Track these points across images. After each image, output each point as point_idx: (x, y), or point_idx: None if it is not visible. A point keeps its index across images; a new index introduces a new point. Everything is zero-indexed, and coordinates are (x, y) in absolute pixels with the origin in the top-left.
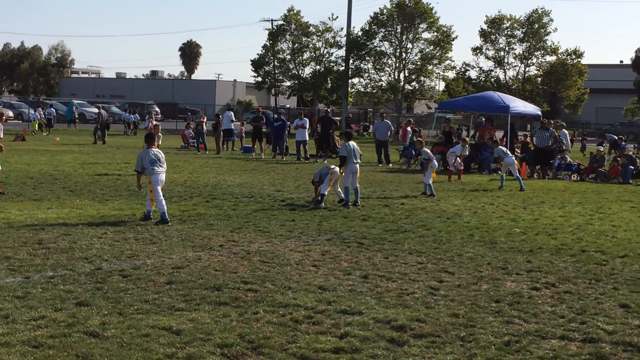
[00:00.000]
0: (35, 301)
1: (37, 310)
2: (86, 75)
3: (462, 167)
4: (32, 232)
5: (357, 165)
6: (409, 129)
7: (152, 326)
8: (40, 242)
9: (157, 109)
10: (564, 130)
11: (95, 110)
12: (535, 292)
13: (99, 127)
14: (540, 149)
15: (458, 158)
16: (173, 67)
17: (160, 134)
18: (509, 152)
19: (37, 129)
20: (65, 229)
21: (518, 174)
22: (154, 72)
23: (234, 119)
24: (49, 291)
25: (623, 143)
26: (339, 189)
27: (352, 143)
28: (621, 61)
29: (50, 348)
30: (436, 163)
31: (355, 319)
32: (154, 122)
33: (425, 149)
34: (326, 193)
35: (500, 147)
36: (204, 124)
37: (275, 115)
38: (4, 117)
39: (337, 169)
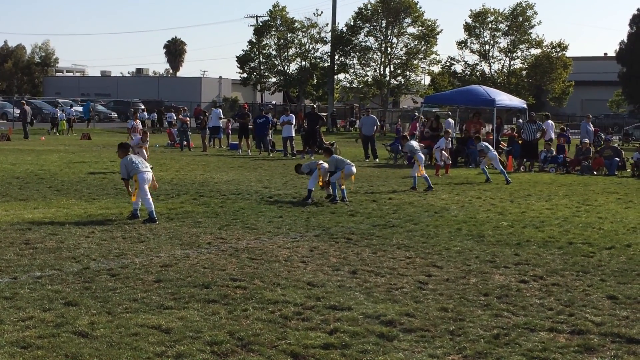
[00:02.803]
0: (23, 302)
1: (25, 310)
2: (71, 74)
3: (450, 162)
4: (19, 233)
5: (354, 168)
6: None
7: (141, 325)
8: (28, 242)
9: (142, 106)
10: (548, 121)
11: (80, 108)
12: (524, 285)
13: (27, 122)
14: (527, 142)
15: (444, 152)
16: (158, 64)
17: (148, 139)
18: (491, 147)
19: (65, 128)
20: (52, 229)
21: (502, 167)
22: (139, 70)
23: (221, 116)
24: (37, 291)
25: (609, 135)
26: (343, 187)
27: (334, 156)
28: (605, 53)
29: (39, 348)
30: (422, 156)
31: (345, 314)
32: (140, 127)
33: (410, 143)
34: (313, 189)
35: (482, 142)
36: (187, 122)
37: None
38: None
39: (325, 164)
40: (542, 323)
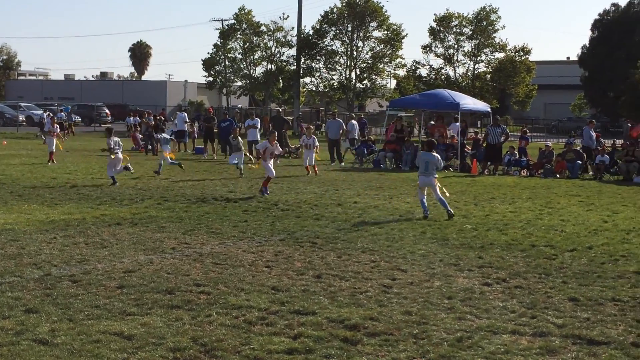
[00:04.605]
0: None
1: None
2: (33, 78)
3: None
4: None
5: (431, 178)
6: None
7: (103, 332)
8: None
9: (106, 110)
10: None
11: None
12: (487, 288)
13: None
14: (491, 146)
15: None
16: (123, 68)
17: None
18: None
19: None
20: (13, 235)
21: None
22: (103, 74)
23: (187, 120)
24: None
25: (572, 138)
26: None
27: (432, 154)
28: (568, 57)
29: None
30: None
31: (309, 319)
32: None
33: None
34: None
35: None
36: (152, 126)
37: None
38: None
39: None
40: (505, 326)
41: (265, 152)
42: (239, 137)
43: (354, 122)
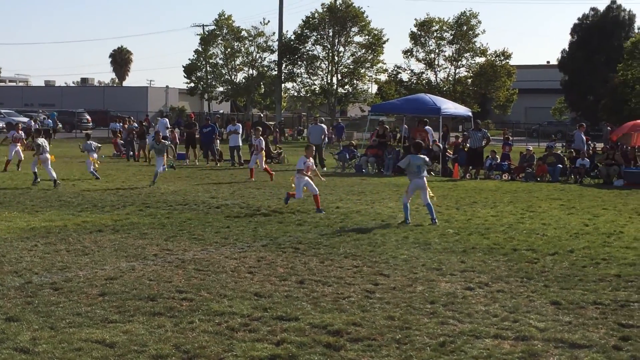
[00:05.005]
0: None
1: None
2: (14, 84)
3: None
4: None
5: (423, 180)
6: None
7: (85, 340)
8: None
9: (87, 116)
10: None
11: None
12: (469, 292)
13: None
14: (473, 150)
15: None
16: (104, 74)
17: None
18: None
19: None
20: None
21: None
22: (84, 80)
23: (168, 125)
24: None
25: (552, 142)
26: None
27: (420, 156)
28: (548, 62)
29: None
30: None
31: (292, 325)
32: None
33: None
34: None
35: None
36: (134, 132)
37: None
38: None
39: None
40: (487, 330)
41: (308, 169)
42: (164, 141)
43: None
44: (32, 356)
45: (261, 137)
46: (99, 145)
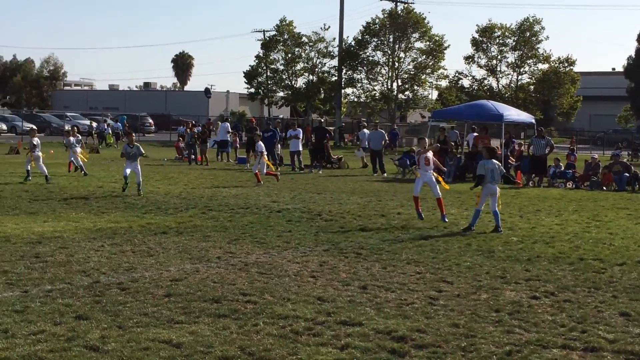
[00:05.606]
0: (34, 315)
1: (37, 324)
2: (79, 88)
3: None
4: (29, 246)
5: (496, 187)
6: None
7: (152, 339)
8: (38, 256)
9: (150, 120)
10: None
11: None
12: (535, 301)
13: None
14: (536, 157)
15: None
16: (166, 78)
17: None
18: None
19: (112, 141)
20: (62, 242)
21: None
22: (146, 84)
23: (229, 130)
24: (48, 305)
25: (618, 150)
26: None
27: (493, 162)
28: (613, 68)
29: None
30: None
31: (356, 330)
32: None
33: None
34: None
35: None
36: (197, 136)
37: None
38: None
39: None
40: (555, 340)
41: (427, 161)
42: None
43: (365, 131)
44: (101, 354)
45: (260, 142)
46: (80, 137)
